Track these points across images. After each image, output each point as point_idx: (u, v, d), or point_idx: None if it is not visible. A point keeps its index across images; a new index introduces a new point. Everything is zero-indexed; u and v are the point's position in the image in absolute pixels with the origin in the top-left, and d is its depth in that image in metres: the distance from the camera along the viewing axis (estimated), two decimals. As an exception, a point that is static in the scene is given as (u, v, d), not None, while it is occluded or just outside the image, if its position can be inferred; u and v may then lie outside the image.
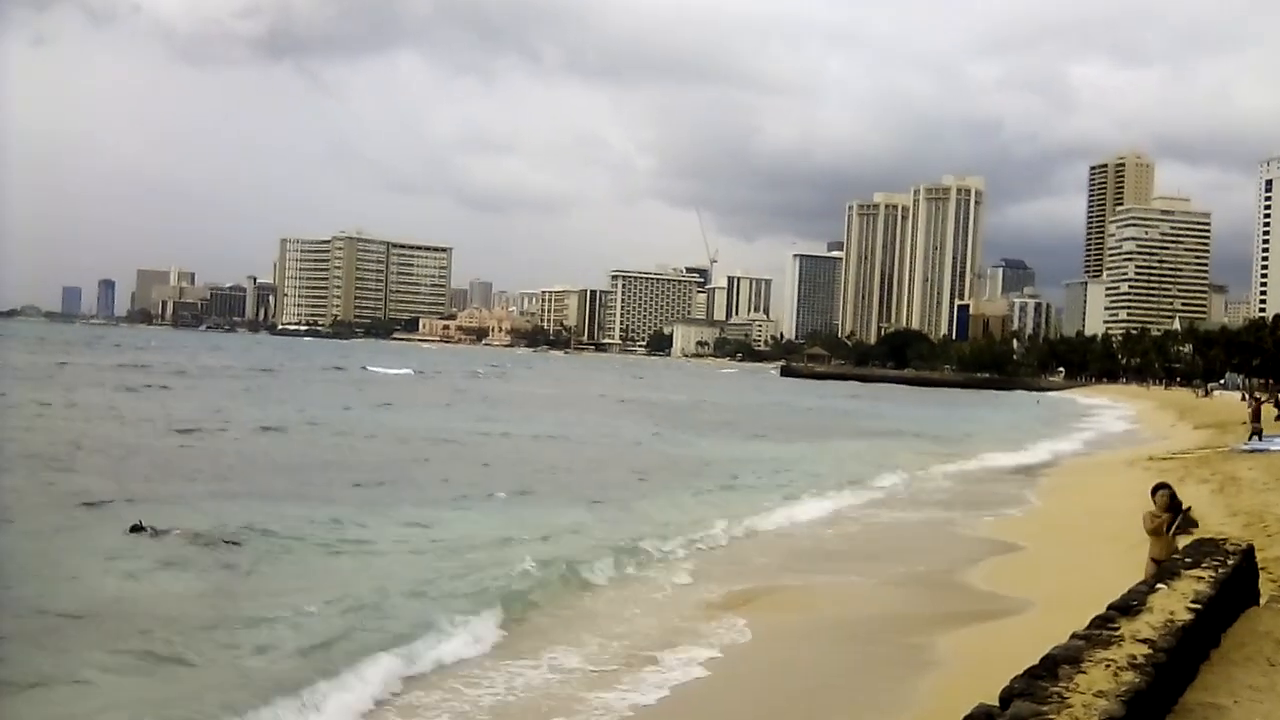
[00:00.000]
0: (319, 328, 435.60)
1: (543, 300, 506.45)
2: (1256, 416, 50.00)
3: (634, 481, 35.29)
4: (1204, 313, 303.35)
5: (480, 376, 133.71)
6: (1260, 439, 45.69)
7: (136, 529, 21.22)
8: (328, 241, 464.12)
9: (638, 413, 76.02)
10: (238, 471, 32.66)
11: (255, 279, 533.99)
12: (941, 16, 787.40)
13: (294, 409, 59.84)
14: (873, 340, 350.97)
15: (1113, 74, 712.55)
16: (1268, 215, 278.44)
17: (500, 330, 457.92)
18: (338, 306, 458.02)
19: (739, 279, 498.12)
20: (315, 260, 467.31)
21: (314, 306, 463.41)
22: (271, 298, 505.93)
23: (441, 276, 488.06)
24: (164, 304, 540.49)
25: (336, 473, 33.54)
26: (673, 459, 43.94)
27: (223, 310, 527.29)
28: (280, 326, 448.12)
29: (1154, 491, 14.63)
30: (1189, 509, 14.89)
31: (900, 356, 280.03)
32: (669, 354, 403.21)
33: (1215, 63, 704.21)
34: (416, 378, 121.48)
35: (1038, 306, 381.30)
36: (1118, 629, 9.19)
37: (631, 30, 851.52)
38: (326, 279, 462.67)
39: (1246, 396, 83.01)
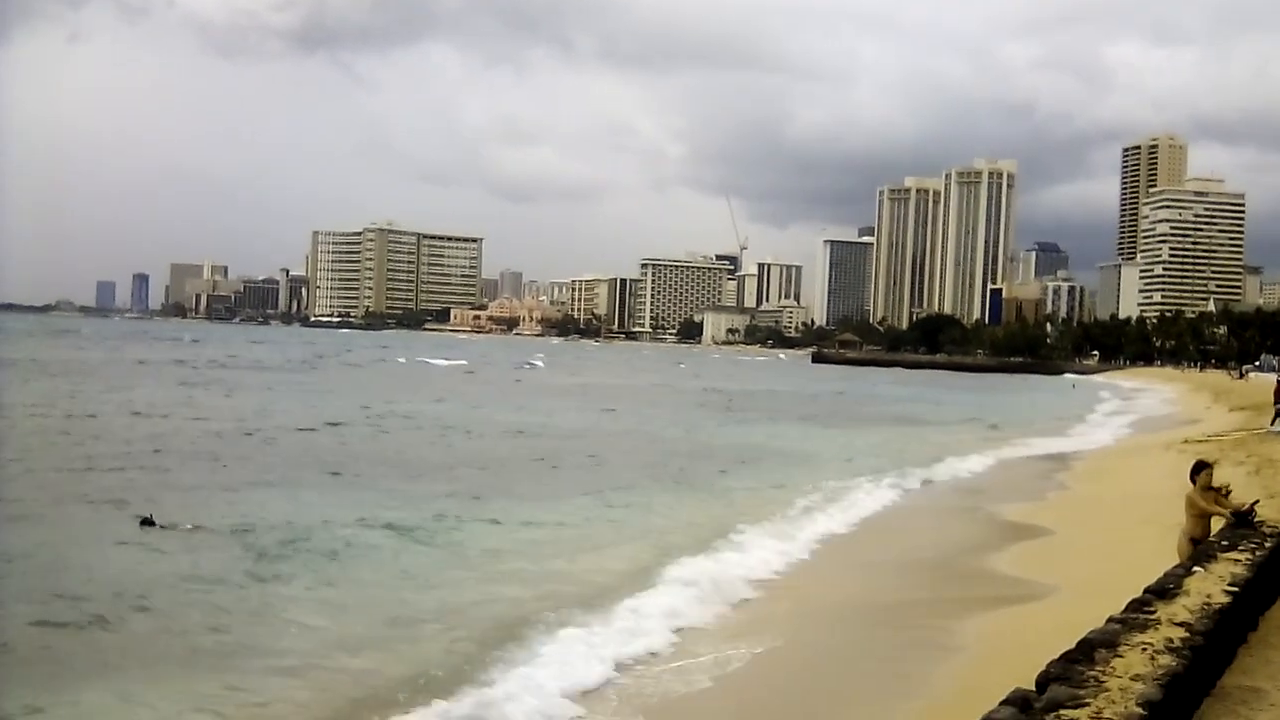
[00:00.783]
0: (351, 319, 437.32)
1: (573, 289, 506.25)
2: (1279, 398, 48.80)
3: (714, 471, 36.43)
4: (1239, 294, 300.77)
5: (532, 368, 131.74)
6: None
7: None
8: (359, 233, 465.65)
9: (710, 403, 77.04)
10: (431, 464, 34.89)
11: (288, 271, 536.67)
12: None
13: (399, 404, 60.56)
14: (904, 326, 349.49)
15: (1149, 53, 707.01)
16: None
17: (531, 320, 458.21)
18: (369, 298, 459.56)
19: (769, 265, 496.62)
20: (347, 252, 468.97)
21: (346, 298, 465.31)
22: (304, 290, 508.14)
23: (472, 267, 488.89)
24: (197, 297, 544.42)
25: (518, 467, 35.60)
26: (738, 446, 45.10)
27: (256, 303, 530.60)
28: (313, 318, 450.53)
29: (1194, 473, 14.43)
30: (1251, 510, 14.34)
31: (933, 341, 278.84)
32: (699, 342, 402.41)
33: (1254, 41, 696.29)
34: (472, 369, 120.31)
35: (1071, 290, 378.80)
36: (1154, 612, 9.17)
37: (662, 17, 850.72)
38: (358, 271, 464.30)
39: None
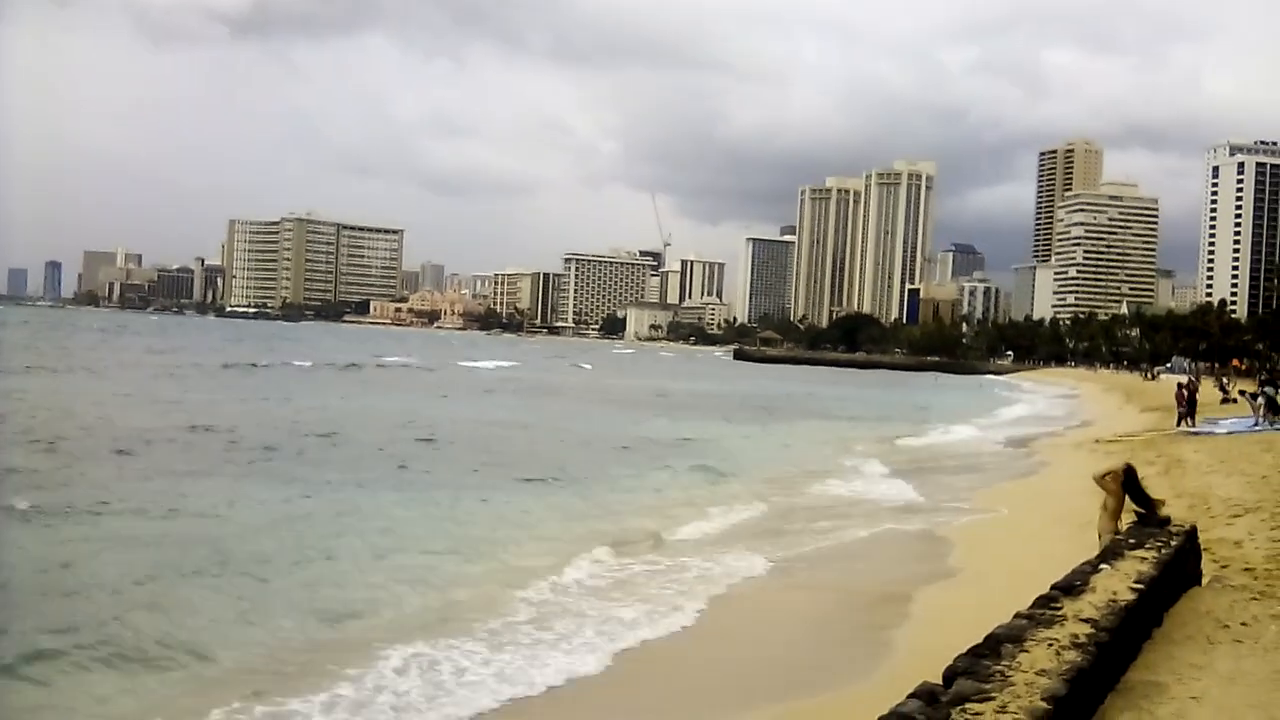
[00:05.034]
0: (268, 310, 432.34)
1: (496, 283, 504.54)
2: (1181, 401, 48.41)
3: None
4: (1151, 297, 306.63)
5: (482, 368, 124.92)
6: (1191, 424, 45.84)
7: None
8: (277, 223, 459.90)
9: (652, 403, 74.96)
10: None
11: (203, 261, 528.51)
12: (918, 2, 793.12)
13: (413, 405, 58.10)
14: (824, 324, 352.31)
15: (1085, 60, 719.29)
16: (1214, 201, 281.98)
17: (452, 313, 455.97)
18: (287, 289, 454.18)
19: (692, 262, 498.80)
20: (264, 242, 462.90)
21: (263, 288, 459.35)
22: (220, 279, 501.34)
23: (393, 259, 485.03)
24: (111, 286, 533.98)
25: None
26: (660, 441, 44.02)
27: (170, 292, 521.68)
28: (229, 308, 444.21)
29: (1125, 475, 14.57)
30: (1161, 507, 14.59)
31: (851, 340, 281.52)
32: (622, 337, 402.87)
33: (1186, 50, 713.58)
34: (423, 367, 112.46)
35: (987, 291, 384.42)
36: (1060, 608, 9.25)
37: (601, 15, 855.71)
38: (275, 261, 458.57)
39: (1191, 380, 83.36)
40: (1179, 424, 46.08)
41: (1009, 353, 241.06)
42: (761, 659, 14.42)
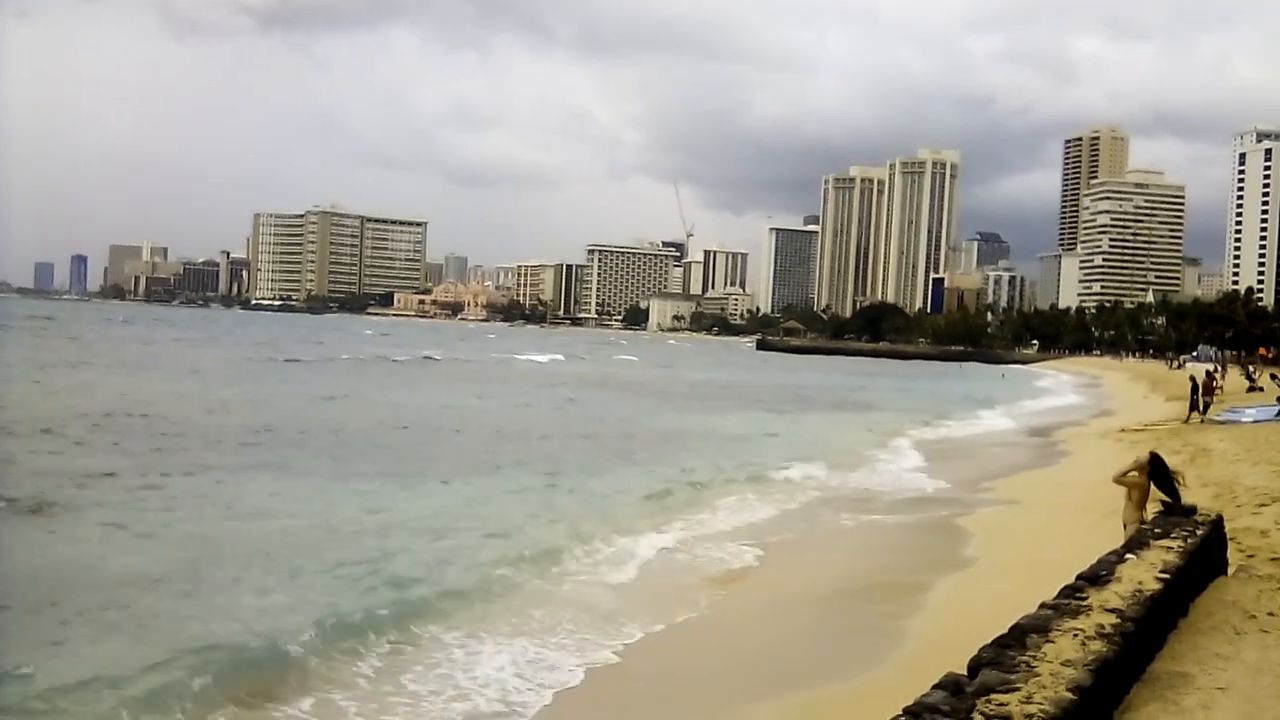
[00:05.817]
0: (292, 302, 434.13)
1: (519, 275, 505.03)
2: (1197, 390, 47.37)
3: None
4: (1177, 285, 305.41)
5: (537, 360, 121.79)
6: (1201, 411, 45.17)
7: None
8: (301, 216, 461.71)
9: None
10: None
11: (229, 254, 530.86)
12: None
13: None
14: (848, 314, 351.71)
15: (1110, 47, 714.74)
16: (1240, 187, 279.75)
17: (476, 305, 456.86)
18: (311, 281, 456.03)
19: (715, 253, 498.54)
20: (289, 235, 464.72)
21: (287, 281, 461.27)
22: (244, 273, 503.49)
23: (416, 251, 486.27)
24: (136, 279, 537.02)
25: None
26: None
27: (195, 286, 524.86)
28: (254, 301, 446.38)
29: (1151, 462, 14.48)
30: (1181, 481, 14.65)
31: (875, 330, 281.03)
32: (645, 328, 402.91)
33: (1214, 36, 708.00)
34: (488, 360, 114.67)
35: (1012, 280, 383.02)
36: (1086, 599, 9.23)
37: (626, 5, 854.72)
38: (300, 254, 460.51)
39: (1219, 369, 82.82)
40: (1187, 418, 44.91)
41: (1034, 342, 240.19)
42: (778, 648, 14.44)
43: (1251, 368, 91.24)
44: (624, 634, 14.76)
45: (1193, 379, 50.65)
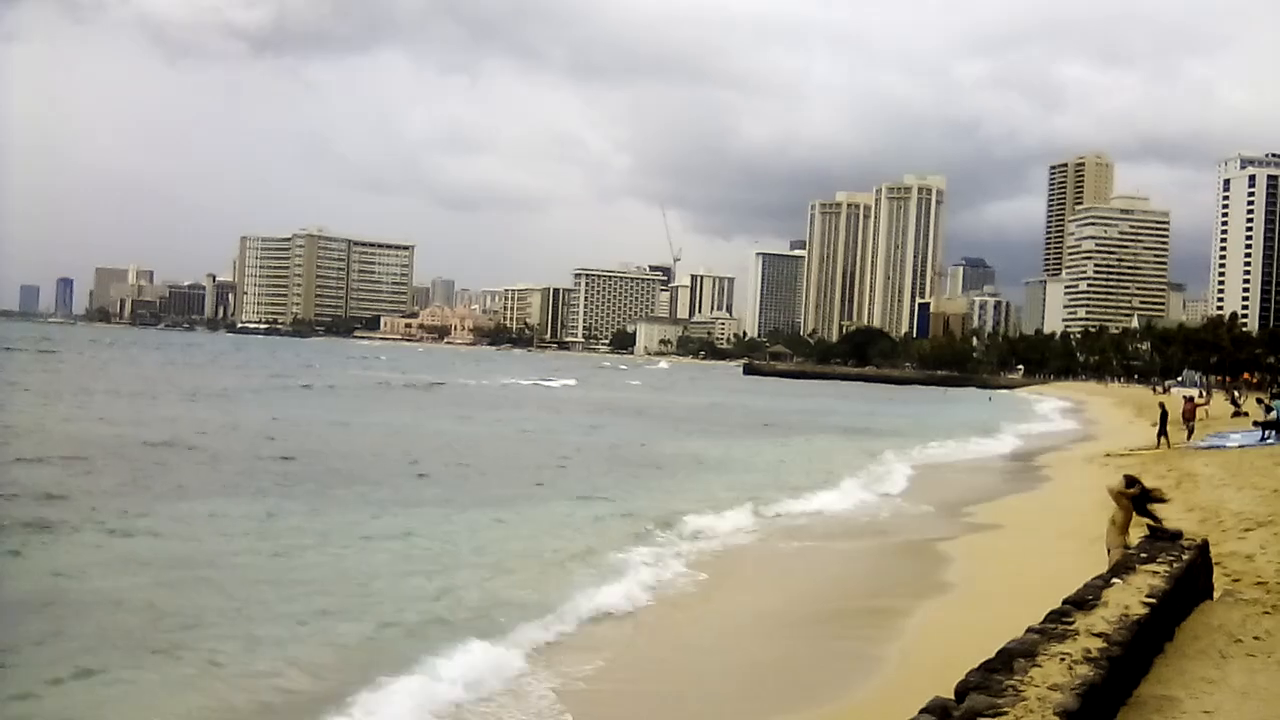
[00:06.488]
0: (279, 326, 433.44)
1: (506, 298, 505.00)
2: (1166, 417, 46.09)
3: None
4: (1162, 311, 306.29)
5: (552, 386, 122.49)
6: (1169, 441, 44.09)
7: None
8: (288, 239, 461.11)
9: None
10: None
11: (215, 277, 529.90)
12: (929, 16, 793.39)
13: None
14: (834, 338, 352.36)
15: (1097, 74, 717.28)
16: (1225, 213, 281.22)
17: (462, 328, 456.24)
18: (298, 305, 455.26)
19: (702, 277, 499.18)
20: (275, 258, 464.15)
21: (274, 305, 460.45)
22: (230, 296, 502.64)
23: (403, 275, 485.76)
24: (122, 302, 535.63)
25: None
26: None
27: (181, 309, 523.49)
28: (240, 325, 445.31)
29: (1127, 485, 14.48)
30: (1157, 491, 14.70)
31: (862, 354, 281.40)
32: (632, 352, 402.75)
33: (1199, 63, 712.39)
34: (500, 386, 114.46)
35: (997, 305, 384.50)
36: (1072, 623, 9.24)
37: (618, 31, 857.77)
38: (286, 277, 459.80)
39: (1203, 393, 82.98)
40: (1157, 444, 44.04)
41: (1019, 367, 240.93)
42: (754, 671, 14.41)
43: (1237, 393, 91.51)
44: (599, 654, 14.73)
45: (1162, 406, 49.13)
